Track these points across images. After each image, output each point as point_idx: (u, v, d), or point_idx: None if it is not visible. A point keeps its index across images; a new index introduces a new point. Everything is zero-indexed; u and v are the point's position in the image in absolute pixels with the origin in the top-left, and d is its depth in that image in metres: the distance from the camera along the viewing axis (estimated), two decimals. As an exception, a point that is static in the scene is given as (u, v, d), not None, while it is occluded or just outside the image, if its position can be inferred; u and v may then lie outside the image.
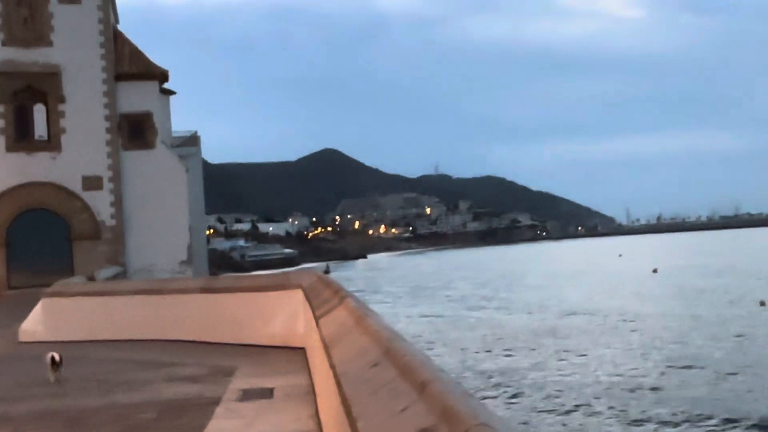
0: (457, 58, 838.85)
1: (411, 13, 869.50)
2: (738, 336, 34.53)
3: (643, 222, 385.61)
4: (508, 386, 26.07)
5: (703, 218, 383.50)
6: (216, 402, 8.93)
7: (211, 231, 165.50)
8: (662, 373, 26.95)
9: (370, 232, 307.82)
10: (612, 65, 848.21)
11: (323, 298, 8.81)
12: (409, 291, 74.87)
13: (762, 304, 45.13)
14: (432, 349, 34.53)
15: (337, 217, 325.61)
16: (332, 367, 4.88)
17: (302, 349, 11.80)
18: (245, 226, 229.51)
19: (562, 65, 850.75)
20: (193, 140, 47.55)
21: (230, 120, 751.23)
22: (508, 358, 32.22)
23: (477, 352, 34.18)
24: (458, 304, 57.46)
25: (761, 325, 37.54)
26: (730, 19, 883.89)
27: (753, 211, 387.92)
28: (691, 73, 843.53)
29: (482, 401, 2.90)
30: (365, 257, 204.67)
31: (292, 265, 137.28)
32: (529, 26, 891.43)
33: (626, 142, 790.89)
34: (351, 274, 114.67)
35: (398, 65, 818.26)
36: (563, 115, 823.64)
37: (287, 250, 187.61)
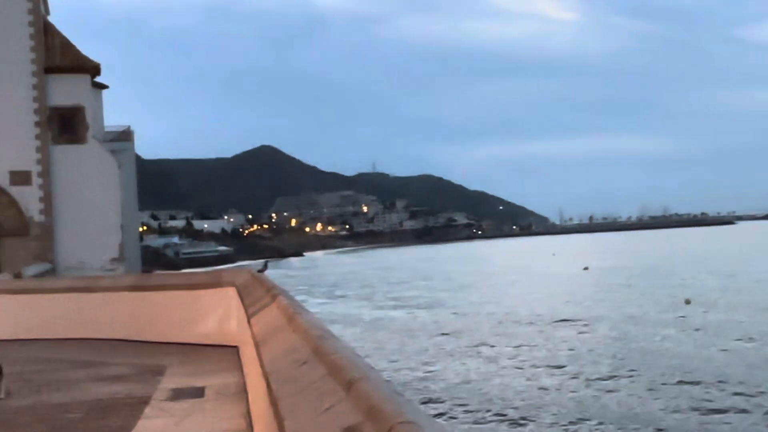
0: (395, 57, 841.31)
1: (349, 11, 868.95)
2: (663, 336, 35.36)
3: (575, 221, 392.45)
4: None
5: (634, 218, 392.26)
6: (145, 401, 8.78)
7: (145, 228, 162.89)
8: (584, 373, 27.11)
9: (307, 229, 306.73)
10: (547, 67, 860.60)
11: (256, 296, 8.75)
12: (326, 291, 75.05)
13: (687, 302, 46.32)
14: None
15: (274, 215, 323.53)
16: (262, 365, 4.85)
17: (235, 347, 11.69)
18: (180, 223, 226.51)
19: (498, 66, 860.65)
20: (126, 135, 46.62)
21: (165, 116, 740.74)
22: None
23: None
24: (369, 303, 58.18)
25: (687, 323, 38.52)
26: (661, 23, 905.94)
27: (681, 212, 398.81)
28: (623, 76, 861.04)
29: (410, 399, 2.90)
30: (302, 255, 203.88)
31: (228, 263, 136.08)
32: (466, 27, 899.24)
33: (560, 143, 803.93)
34: (278, 272, 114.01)
35: (336, 63, 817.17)
36: (499, 115, 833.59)
37: (222, 248, 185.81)
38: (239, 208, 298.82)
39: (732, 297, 48.66)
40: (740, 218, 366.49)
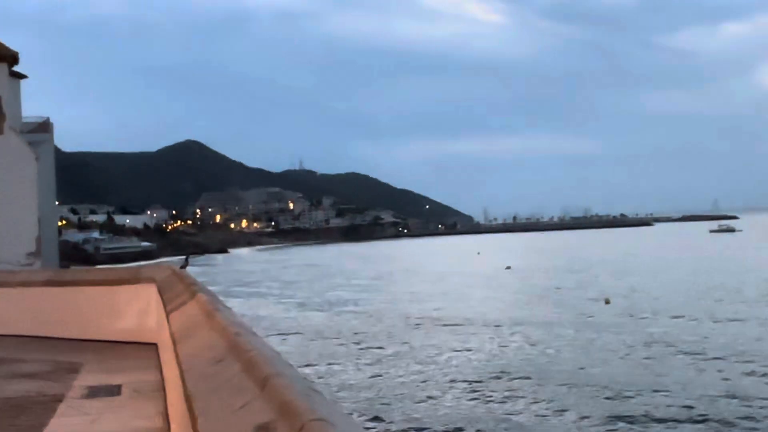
0: (323, 54, 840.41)
1: (277, 6, 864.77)
2: (583, 336, 36.09)
3: (500, 221, 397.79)
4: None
5: (556, 219, 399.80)
6: (59, 399, 8.55)
7: (63, 222, 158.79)
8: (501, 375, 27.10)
9: (232, 226, 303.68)
10: (473, 67, 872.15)
11: (175, 293, 8.61)
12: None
13: (607, 302, 47.39)
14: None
15: (198, 211, 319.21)
16: (178, 362, 4.77)
17: (154, 344, 11.48)
18: (100, 218, 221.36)
19: (426, 65, 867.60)
20: (44, 127, 45.30)
21: (87, 108, 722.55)
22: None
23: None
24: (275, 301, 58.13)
25: (605, 323, 39.39)
26: (584, 28, 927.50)
27: (601, 213, 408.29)
28: (547, 78, 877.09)
29: (326, 397, 2.89)
30: (226, 251, 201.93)
31: (150, 259, 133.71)
32: (394, 25, 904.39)
33: (486, 143, 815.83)
34: (198, 269, 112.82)
35: (263, 58, 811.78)
36: (426, 114, 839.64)
37: (145, 243, 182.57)
38: (163, 203, 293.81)
39: (647, 298, 49.96)
40: (657, 220, 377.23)
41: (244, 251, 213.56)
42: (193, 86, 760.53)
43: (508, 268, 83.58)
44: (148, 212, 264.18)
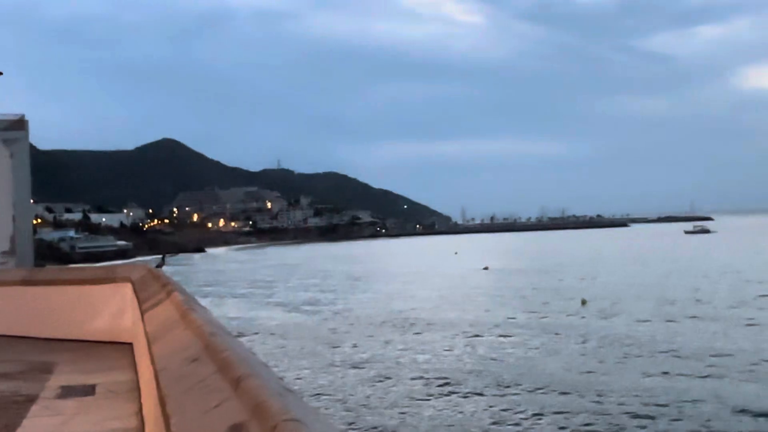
0: (303, 54, 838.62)
1: (256, 5, 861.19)
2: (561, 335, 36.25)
3: (477, 221, 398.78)
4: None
5: (533, 219, 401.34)
6: (32, 399, 8.47)
7: (39, 220, 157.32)
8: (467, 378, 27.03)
9: (209, 225, 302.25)
10: (451, 69, 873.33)
11: (151, 292, 8.56)
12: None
13: (583, 303, 47.65)
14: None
15: (175, 210, 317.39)
16: (152, 362, 4.75)
17: (129, 344, 11.41)
18: (76, 216, 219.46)
19: (404, 66, 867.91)
20: (19, 124, 44.74)
21: (64, 105, 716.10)
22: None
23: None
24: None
25: (581, 324, 39.63)
26: (562, 31, 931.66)
27: (578, 214, 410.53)
28: (524, 80, 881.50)
29: (300, 397, 2.89)
30: (203, 251, 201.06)
31: (126, 258, 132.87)
32: (373, 26, 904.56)
33: (464, 144, 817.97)
34: (174, 269, 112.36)
35: (242, 58, 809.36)
36: (404, 115, 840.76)
37: (121, 242, 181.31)
38: (140, 202, 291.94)
39: (620, 300, 50.24)
40: (634, 221, 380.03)
41: (221, 250, 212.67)
42: (171, 85, 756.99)
43: (486, 268, 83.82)
44: (125, 211, 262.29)
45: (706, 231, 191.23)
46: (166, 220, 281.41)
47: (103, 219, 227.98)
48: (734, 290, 51.60)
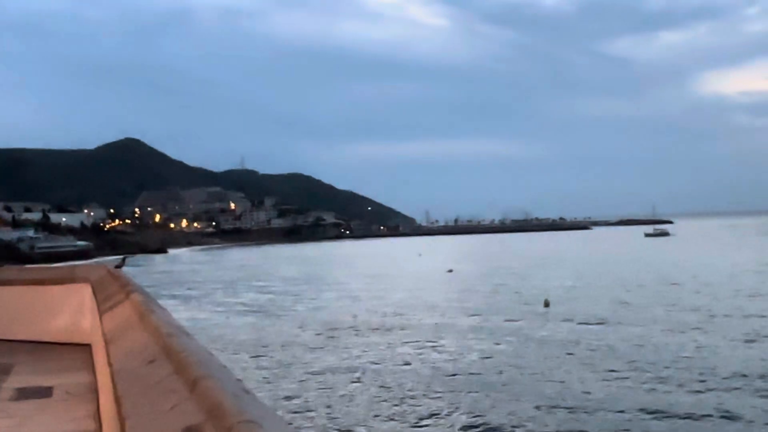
0: (266, 54, 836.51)
1: (220, 4, 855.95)
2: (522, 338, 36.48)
3: (441, 223, 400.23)
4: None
5: (497, 222, 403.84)
6: (-13, 402, 8.33)
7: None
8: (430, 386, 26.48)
9: (172, 226, 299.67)
10: (416, 70, 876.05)
11: (110, 293, 8.46)
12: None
13: (546, 304, 48.00)
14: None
15: (137, 210, 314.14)
16: (109, 363, 4.69)
17: (88, 345, 11.26)
18: (36, 216, 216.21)
19: (369, 67, 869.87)
20: (-23, 122, 44.08)
21: (24, 104, 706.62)
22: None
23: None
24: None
25: (543, 326, 39.91)
26: (526, 33, 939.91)
27: (541, 216, 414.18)
28: (489, 82, 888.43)
29: (258, 398, 2.87)
30: (165, 252, 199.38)
31: (87, 259, 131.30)
32: (338, 27, 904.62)
33: (429, 145, 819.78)
34: (134, 270, 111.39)
35: (206, 57, 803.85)
36: (369, 116, 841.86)
37: (81, 243, 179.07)
38: (101, 202, 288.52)
39: (578, 301, 50.74)
40: (596, 224, 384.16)
41: (183, 251, 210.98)
42: (134, 83, 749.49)
43: (450, 271, 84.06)
44: (85, 211, 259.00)
45: (665, 234, 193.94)
46: (128, 221, 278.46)
47: (63, 219, 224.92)
48: (683, 293, 52.38)
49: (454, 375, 27.20)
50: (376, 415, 21.89)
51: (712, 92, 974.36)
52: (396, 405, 23.08)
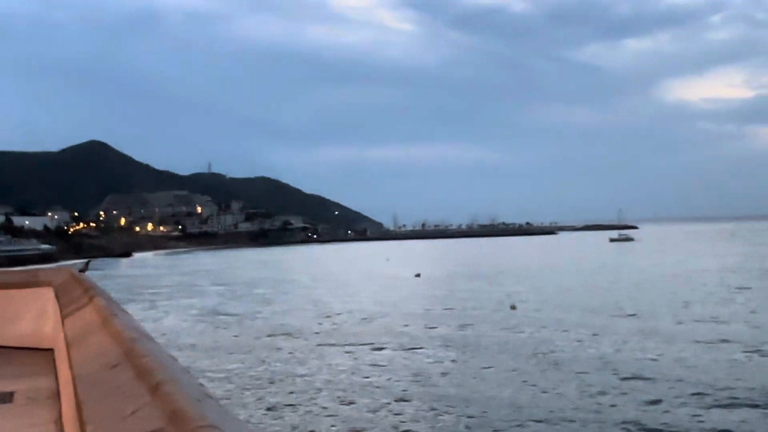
0: (234, 57, 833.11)
1: (187, 7, 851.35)
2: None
3: (409, 227, 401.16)
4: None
5: (464, 226, 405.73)
6: (-54, 408, 8.19)
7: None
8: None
9: (137, 229, 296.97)
10: (384, 75, 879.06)
11: (73, 297, 8.37)
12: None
13: (513, 308, 48.29)
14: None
15: (102, 213, 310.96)
16: (71, 368, 4.64)
17: (51, 350, 11.13)
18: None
19: (337, 71, 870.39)
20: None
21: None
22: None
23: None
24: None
25: (509, 330, 40.10)
26: (493, 40, 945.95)
27: (508, 221, 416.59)
28: (456, 88, 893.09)
29: (220, 403, 2.85)
30: (130, 255, 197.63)
31: (50, 262, 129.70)
32: (305, 30, 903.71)
33: (396, 150, 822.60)
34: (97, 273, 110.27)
35: (173, 60, 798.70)
36: (337, 120, 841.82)
37: (45, 246, 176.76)
38: (65, 205, 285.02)
39: (544, 306, 51.10)
40: (561, 229, 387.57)
41: (148, 255, 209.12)
42: (100, 86, 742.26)
43: (418, 275, 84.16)
44: (49, 214, 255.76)
45: (630, 239, 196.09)
46: (93, 224, 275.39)
47: (26, 222, 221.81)
48: (644, 299, 53.01)
49: (415, 379, 27.18)
50: (332, 425, 21.77)
51: (676, 99, 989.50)
52: (351, 415, 22.83)
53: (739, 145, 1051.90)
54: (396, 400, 24.04)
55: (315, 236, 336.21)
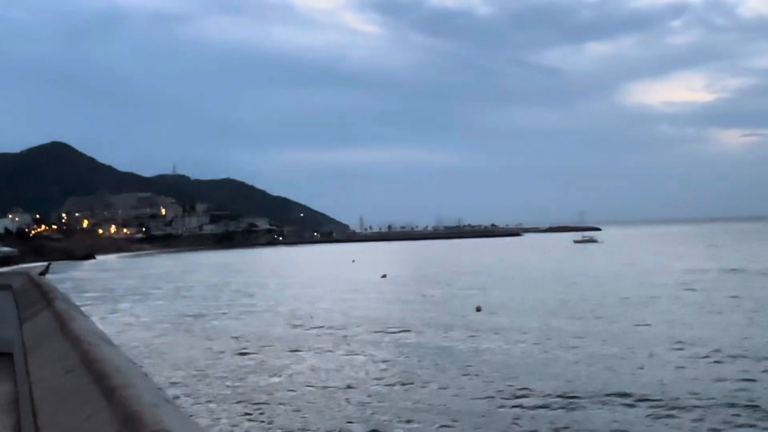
0: (199, 59, 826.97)
1: (151, 7, 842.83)
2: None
3: (375, 230, 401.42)
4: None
5: (430, 228, 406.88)
6: None
7: None
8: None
9: (101, 231, 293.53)
10: (349, 78, 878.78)
11: (31, 301, 8.29)
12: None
13: (478, 309, 48.46)
14: None
15: (64, 215, 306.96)
16: (28, 373, 4.61)
17: (9, 354, 10.97)
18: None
19: (303, 73, 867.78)
20: None
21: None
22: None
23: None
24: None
25: (475, 330, 40.24)
26: (457, 43, 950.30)
27: (473, 223, 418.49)
28: (422, 91, 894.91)
29: (178, 407, 2.86)
30: (93, 258, 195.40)
31: (11, 265, 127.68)
32: (271, 32, 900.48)
33: (362, 152, 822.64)
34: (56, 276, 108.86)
35: (136, 61, 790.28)
36: (303, 122, 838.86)
37: (5, 249, 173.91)
38: (26, 207, 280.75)
39: (515, 306, 51.42)
40: (526, 230, 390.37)
41: (111, 258, 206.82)
42: (62, 87, 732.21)
43: (384, 276, 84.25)
44: (10, 216, 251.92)
45: (593, 241, 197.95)
46: (55, 226, 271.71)
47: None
48: (612, 301, 53.52)
49: (378, 382, 27.18)
50: None
51: (637, 103, 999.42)
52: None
53: (699, 148, 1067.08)
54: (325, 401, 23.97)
55: (281, 238, 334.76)
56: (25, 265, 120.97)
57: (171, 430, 2.20)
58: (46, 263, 27.30)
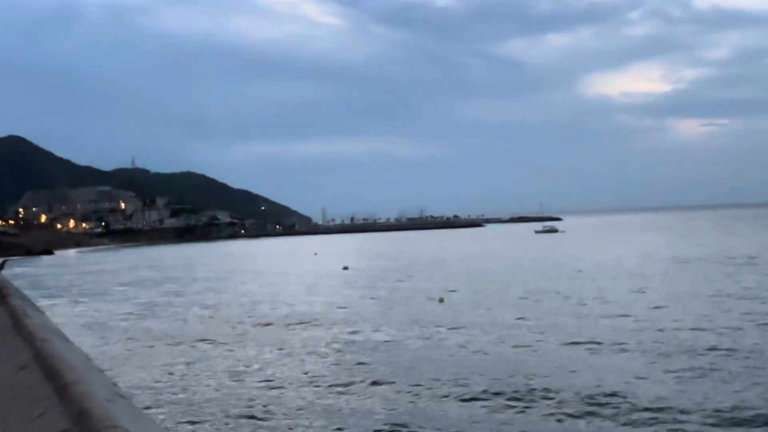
0: (157, 51, 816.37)
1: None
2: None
3: (338, 222, 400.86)
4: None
5: (392, 219, 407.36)
6: None
7: None
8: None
9: (59, 226, 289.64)
10: (311, 69, 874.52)
11: (-15, 298, 8.13)
12: None
13: (441, 300, 48.66)
14: None
15: (21, 210, 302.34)
16: (-20, 372, 4.52)
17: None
18: None
19: (263, 65, 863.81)
20: None
21: None
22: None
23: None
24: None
25: (437, 325, 40.41)
26: (418, 35, 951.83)
27: (435, 214, 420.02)
28: (383, 82, 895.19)
29: (132, 404, 2.82)
30: (52, 253, 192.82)
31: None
32: (230, 24, 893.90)
33: (324, 145, 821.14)
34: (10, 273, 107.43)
35: (93, 53, 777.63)
36: (263, 115, 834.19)
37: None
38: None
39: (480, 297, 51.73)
40: (488, 221, 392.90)
41: (70, 253, 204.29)
42: (17, 80, 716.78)
43: (346, 268, 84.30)
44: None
45: (555, 230, 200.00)
46: (11, 221, 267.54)
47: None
48: (575, 292, 54.12)
49: (332, 382, 27.17)
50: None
51: (596, 94, 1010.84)
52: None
53: (657, 137, 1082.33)
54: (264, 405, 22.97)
55: (243, 231, 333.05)
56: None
57: (123, 427, 2.16)
58: (1, 259, 26.69)
